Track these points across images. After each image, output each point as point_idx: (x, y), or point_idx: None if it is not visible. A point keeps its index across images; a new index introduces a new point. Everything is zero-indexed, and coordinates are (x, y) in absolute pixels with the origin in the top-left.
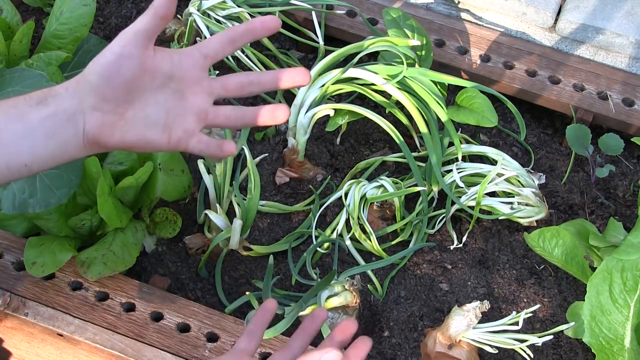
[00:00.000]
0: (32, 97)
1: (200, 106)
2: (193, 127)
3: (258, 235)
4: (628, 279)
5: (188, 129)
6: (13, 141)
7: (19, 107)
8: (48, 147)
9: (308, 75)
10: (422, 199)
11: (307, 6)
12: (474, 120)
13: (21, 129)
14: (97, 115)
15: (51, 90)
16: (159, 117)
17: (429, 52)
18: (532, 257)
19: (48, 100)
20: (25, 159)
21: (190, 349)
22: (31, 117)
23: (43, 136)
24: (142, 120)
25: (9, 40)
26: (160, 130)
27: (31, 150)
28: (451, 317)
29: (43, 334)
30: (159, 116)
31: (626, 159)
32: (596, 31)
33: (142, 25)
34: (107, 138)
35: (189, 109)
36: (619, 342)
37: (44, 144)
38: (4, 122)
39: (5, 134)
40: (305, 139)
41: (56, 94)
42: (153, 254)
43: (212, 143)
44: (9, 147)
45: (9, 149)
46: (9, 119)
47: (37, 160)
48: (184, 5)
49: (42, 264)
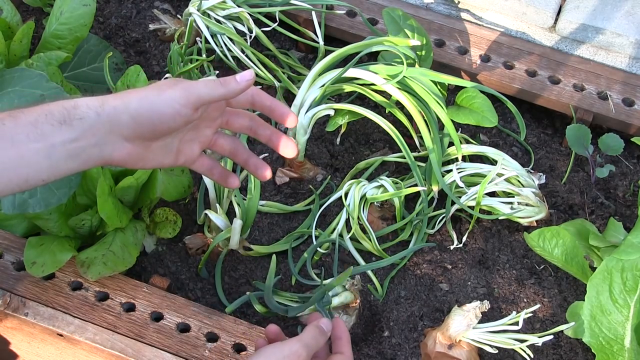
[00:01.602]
0: (54, 114)
1: (208, 136)
2: (197, 153)
3: (258, 235)
4: (628, 279)
5: (194, 154)
6: (34, 160)
7: (40, 127)
8: (68, 166)
9: (297, 150)
10: (422, 199)
11: (307, 6)
12: (474, 120)
13: (43, 150)
14: (127, 146)
15: (76, 110)
16: (174, 145)
17: (429, 52)
18: (532, 257)
19: (73, 122)
20: (44, 176)
21: (190, 349)
22: (54, 140)
23: (65, 157)
24: (162, 149)
25: (9, 40)
26: (173, 156)
27: (51, 169)
28: (451, 317)
29: (43, 334)
30: (175, 144)
31: (626, 159)
32: (596, 31)
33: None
34: (131, 165)
35: (198, 138)
36: (619, 342)
37: (65, 164)
38: (25, 141)
39: (27, 153)
40: (305, 139)
41: (82, 115)
42: (153, 254)
43: (217, 171)
44: (29, 165)
45: (30, 166)
46: (30, 139)
47: (56, 176)
48: (184, 5)
49: (42, 263)
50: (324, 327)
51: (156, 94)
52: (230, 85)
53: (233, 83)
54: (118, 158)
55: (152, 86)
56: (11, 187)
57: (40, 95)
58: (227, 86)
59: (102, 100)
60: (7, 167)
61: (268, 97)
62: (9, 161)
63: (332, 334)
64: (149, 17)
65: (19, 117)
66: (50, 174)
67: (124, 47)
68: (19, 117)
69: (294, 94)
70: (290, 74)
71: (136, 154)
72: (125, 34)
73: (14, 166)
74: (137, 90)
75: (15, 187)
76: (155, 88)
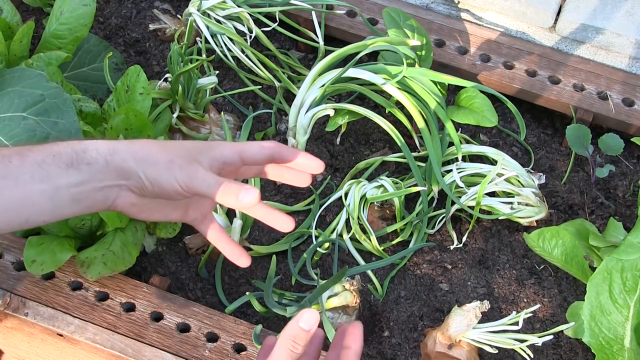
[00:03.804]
0: (62, 156)
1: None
2: (208, 208)
3: (258, 235)
4: (628, 279)
5: (204, 211)
6: (38, 201)
7: (47, 168)
8: (71, 209)
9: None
10: (422, 199)
11: (307, 6)
12: (474, 120)
13: (48, 192)
14: (132, 196)
15: (85, 154)
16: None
17: (429, 52)
18: (532, 257)
19: (81, 167)
20: (46, 217)
21: (190, 349)
22: (59, 182)
23: (69, 201)
24: (170, 205)
25: (9, 40)
26: (182, 211)
27: (54, 211)
28: (451, 317)
29: (43, 334)
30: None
31: (626, 159)
32: (596, 31)
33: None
34: (134, 215)
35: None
36: (619, 342)
37: (68, 208)
38: (30, 182)
39: (30, 194)
40: (305, 139)
41: (90, 161)
42: (153, 254)
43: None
44: (32, 206)
45: (33, 207)
46: (35, 179)
47: (58, 217)
48: (184, 5)
49: (41, 262)
50: (304, 326)
51: (166, 166)
52: (227, 198)
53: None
54: (122, 206)
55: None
56: (12, 226)
57: (40, 95)
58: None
59: (113, 148)
60: (9, 207)
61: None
62: (12, 201)
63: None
64: (149, 17)
65: (26, 156)
66: (52, 216)
67: (124, 47)
68: (26, 156)
69: (294, 94)
70: (290, 74)
71: (141, 205)
72: (125, 34)
73: (16, 206)
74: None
75: (15, 227)
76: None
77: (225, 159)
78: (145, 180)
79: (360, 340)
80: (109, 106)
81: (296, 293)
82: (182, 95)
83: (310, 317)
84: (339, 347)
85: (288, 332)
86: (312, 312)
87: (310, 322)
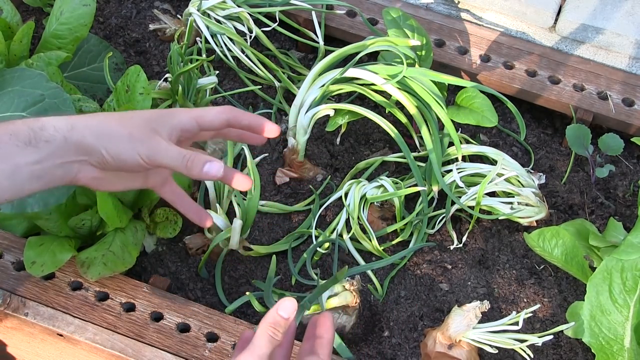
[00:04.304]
0: (19, 135)
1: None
2: (168, 174)
3: (258, 235)
4: (628, 279)
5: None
6: None
7: (5, 147)
8: (31, 187)
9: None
10: (422, 199)
11: (307, 6)
12: (474, 120)
13: (7, 170)
14: (94, 170)
15: (42, 132)
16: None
17: (429, 52)
18: (532, 257)
19: (39, 144)
20: (7, 195)
21: (190, 349)
22: (18, 161)
23: (29, 178)
24: (131, 175)
25: (9, 40)
26: (142, 179)
27: (14, 189)
28: (451, 317)
29: (43, 334)
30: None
31: (626, 159)
32: (596, 31)
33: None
34: (95, 187)
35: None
36: (619, 342)
37: (28, 185)
38: None
39: None
40: (305, 139)
41: (49, 138)
42: (153, 254)
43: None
44: None
45: None
46: None
47: (18, 195)
48: (184, 5)
49: (41, 263)
50: (283, 314)
51: (127, 138)
52: (192, 171)
53: (196, 170)
54: (83, 180)
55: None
56: None
57: (40, 95)
58: (190, 170)
59: (71, 124)
60: None
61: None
62: None
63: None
64: (149, 17)
65: None
66: (13, 194)
67: (124, 47)
68: None
69: (294, 94)
70: (290, 74)
71: (103, 178)
72: (125, 34)
73: None
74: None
75: None
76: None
77: (183, 126)
78: (106, 156)
79: (332, 329)
80: (109, 106)
81: (296, 293)
82: (182, 95)
83: (289, 305)
84: (313, 337)
85: (268, 319)
86: (290, 301)
87: (289, 310)
